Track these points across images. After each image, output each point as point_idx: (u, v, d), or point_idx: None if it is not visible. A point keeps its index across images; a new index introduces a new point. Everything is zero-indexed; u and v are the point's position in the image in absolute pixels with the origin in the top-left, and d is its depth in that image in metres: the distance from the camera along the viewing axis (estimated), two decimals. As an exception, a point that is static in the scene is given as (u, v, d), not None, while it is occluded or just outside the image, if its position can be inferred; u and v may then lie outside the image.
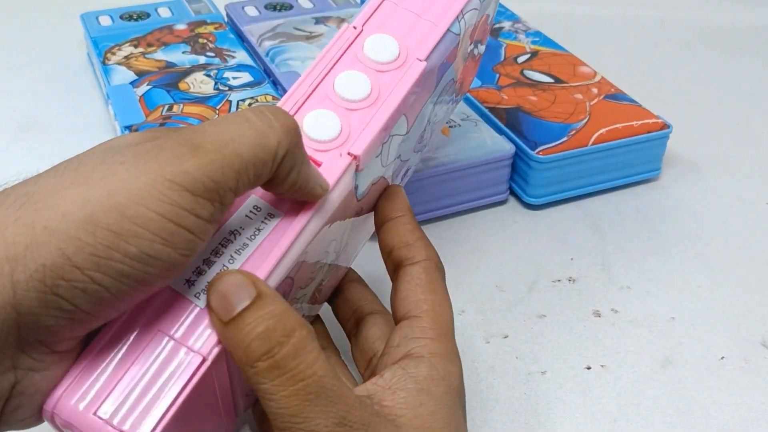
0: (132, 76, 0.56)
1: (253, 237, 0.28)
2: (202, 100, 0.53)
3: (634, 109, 0.52)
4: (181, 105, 0.52)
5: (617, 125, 0.50)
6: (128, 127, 0.50)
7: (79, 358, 0.26)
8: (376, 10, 0.34)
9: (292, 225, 0.29)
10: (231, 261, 0.28)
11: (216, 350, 0.26)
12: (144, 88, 0.54)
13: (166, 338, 0.26)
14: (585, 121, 0.51)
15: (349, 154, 0.30)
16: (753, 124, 0.61)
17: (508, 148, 0.49)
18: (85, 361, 0.26)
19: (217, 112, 0.51)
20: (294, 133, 0.27)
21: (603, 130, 0.50)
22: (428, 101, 0.36)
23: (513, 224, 0.50)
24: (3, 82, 0.64)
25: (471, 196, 0.49)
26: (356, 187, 0.32)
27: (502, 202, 0.51)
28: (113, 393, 0.25)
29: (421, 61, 0.33)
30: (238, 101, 0.53)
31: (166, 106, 0.52)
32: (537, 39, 0.61)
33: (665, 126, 0.51)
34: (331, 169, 0.30)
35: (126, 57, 0.58)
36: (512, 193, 0.52)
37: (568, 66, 0.57)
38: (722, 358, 0.41)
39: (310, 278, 0.32)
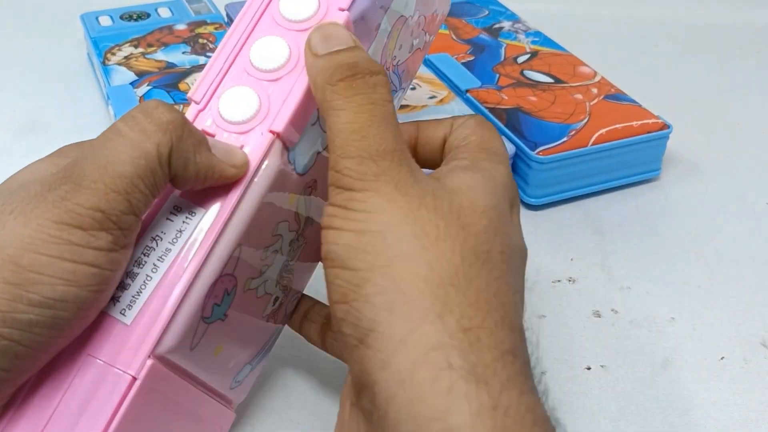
0: (132, 76, 0.56)
1: (175, 240, 0.27)
2: (202, 100, 0.53)
3: (634, 109, 0.52)
4: (181, 106, 0.52)
5: (617, 125, 0.50)
6: (128, 128, 0.50)
7: (12, 397, 0.25)
8: None
9: (214, 221, 0.27)
10: (154, 270, 0.26)
11: (149, 364, 0.25)
12: (144, 88, 0.54)
13: (96, 361, 0.25)
14: (585, 121, 0.51)
15: (270, 132, 0.28)
16: (753, 124, 0.61)
17: (507, 148, 0.49)
18: (17, 400, 0.25)
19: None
20: (173, 126, 0.26)
21: (603, 131, 0.50)
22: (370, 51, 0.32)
23: (513, 224, 0.50)
24: (3, 83, 0.64)
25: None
26: (292, 162, 0.29)
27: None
28: (47, 428, 0.24)
29: (343, 10, 0.29)
30: (238, 102, 0.52)
31: (166, 107, 0.52)
32: (537, 39, 0.61)
33: (665, 126, 0.51)
34: (254, 152, 0.28)
35: (126, 57, 0.58)
36: (512, 193, 0.52)
37: (568, 66, 0.57)
38: (722, 358, 0.41)
39: (264, 265, 0.30)
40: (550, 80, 0.55)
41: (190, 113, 0.29)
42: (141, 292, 0.26)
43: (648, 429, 0.37)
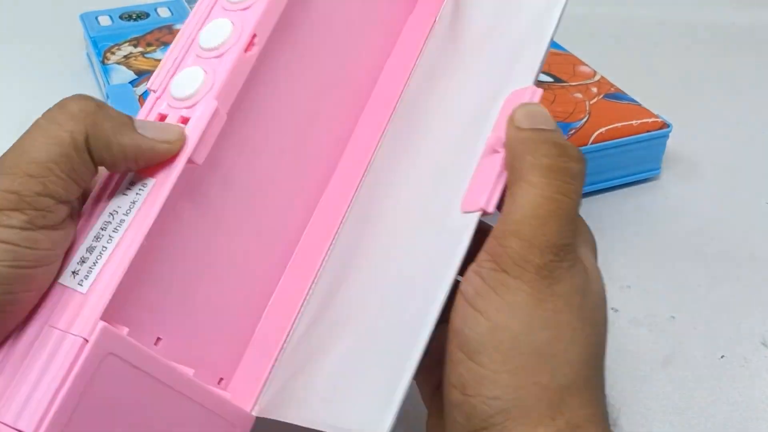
0: (131, 75, 0.56)
1: (128, 211, 0.28)
2: (201, 99, 0.53)
3: (633, 108, 0.52)
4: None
5: (617, 124, 0.50)
6: (127, 127, 0.50)
7: None
8: None
9: (164, 185, 0.28)
10: (109, 241, 0.27)
11: (100, 326, 0.25)
12: (143, 87, 0.54)
13: (54, 330, 0.26)
14: (584, 120, 0.51)
15: (215, 99, 0.29)
16: (753, 123, 0.61)
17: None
18: None
19: (217, 111, 0.51)
20: (85, 114, 0.27)
21: (602, 130, 0.50)
22: None
23: (512, 224, 0.50)
24: (2, 82, 0.64)
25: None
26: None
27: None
28: (5, 398, 0.25)
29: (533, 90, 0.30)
30: (237, 101, 0.52)
31: (166, 106, 0.52)
32: (537, 38, 0.61)
33: (665, 125, 0.51)
34: (200, 121, 0.29)
35: (125, 56, 0.58)
36: (512, 192, 0.52)
37: (568, 65, 0.57)
38: (722, 357, 0.41)
39: None
40: (550, 79, 0.55)
41: (148, 102, 0.30)
42: (97, 262, 0.27)
43: (648, 428, 0.37)
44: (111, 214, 0.28)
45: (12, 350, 0.26)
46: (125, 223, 0.28)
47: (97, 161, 0.27)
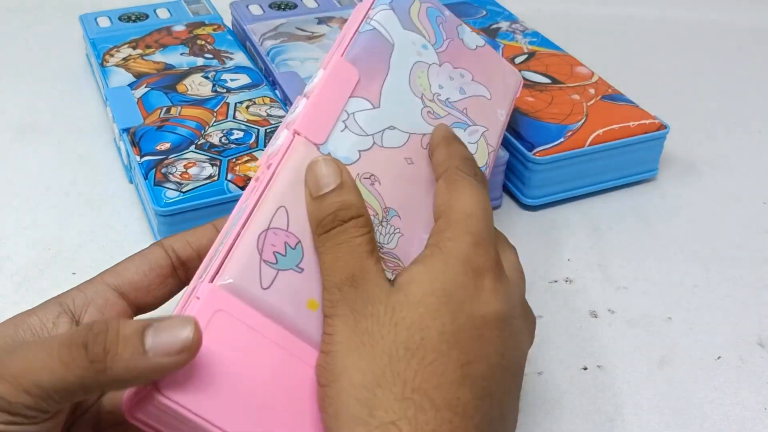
0: (130, 78, 0.56)
1: (237, 214, 0.33)
2: (200, 102, 0.53)
3: (631, 109, 0.52)
4: (179, 107, 0.52)
5: (614, 126, 0.50)
6: (126, 130, 0.50)
7: None
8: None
9: (260, 189, 0.32)
10: (225, 237, 0.32)
11: (209, 287, 0.29)
12: (142, 90, 0.54)
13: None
14: (582, 121, 0.51)
15: (294, 132, 0.33)
16: (750, 124, 0.61)
17: (502, 154, 0.49)
18: None
19: (215, 114, 0.51)
20: (93, 365, 0.26)
21: (600, 131, 0.50)
22: (388, 81, 0.38)
23: (510, 225, 0.50)
24: (2, 83, 0.64)
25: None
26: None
27: (496, 208, 0.51)
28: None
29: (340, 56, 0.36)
30: (235, 103, 0.53)
31: (164, 109, 0.52)
32: (534, 39, 0.61)
33: (662, 126, 0.51)
34: (279, 150, 0.33)
35: (124, 59, 0.58)
36: (509, 194, 0.52)
37: (566, 66, 0.57)
38: (719, 357, 0.41)
39: None
40: (548, 81, 0.55)
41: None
42: (216, 255, 0.31)
43: (644, 429, 0.37)
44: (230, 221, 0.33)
45: None
46: (235, 221, 0.32)
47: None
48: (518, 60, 0.58)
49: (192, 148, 0.48)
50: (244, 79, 0.56)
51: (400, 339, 0.29)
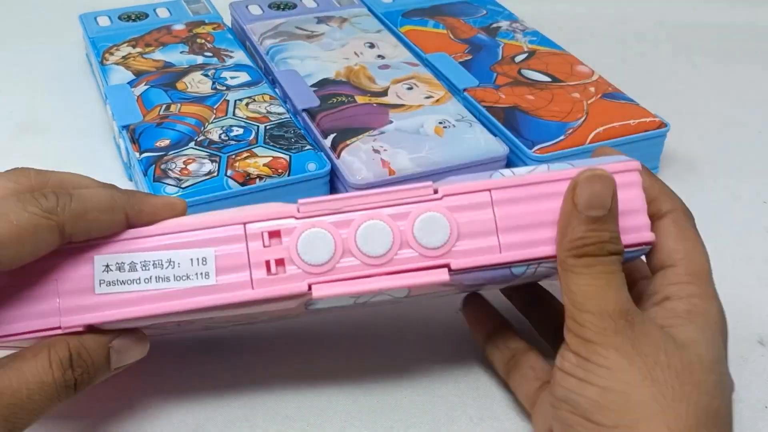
0: (130, 76, 0.56)
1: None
2: (199, 99, 0.53)
3: (631, 107, 0.52)
4: (179, 105, 0.52)
5: (614, 124, 0.50)
6: (125, 127, 0.50)
7: None
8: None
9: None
10: None
11: None
12: (142, 87, 0.54)
13: None
14: (582, 120, 0.51)
15: (309, 286, 0.31)
16: (750, 122, 0.61)
17: (501, 149, 0.48)
18: None
19: (215, 111, 0.51)
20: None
21: (600, 129, 0.50)
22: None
23: (510, 223, 0.50)
24: (2, 82, 0.64)
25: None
26: (308, 304, 0.33)
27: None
28: None
29: (443, 267, 0.32)
30: (235, 101, 0.53)
31: (164, 106, 0.52)
32: (534, 38, 0.61)
33: (662, 125, 0.51)
34: (285, 284, 0.31)
35: (124, 57, 0.58)
36: (509, 191, 0.52)
37: (566, 65, 0.57)
38: (719, 355, 0.41)
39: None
40: (548, 79, 0.55)
41: None
42: None
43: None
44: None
45: None
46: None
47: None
48: (518, 58, 0.58)
49: (191, 144, 0.48)
50: (243, 77, 0.56)
51: (702, 403, 0.28)
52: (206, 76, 0.56)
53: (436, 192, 0.32)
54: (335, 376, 0.39)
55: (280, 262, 0.31)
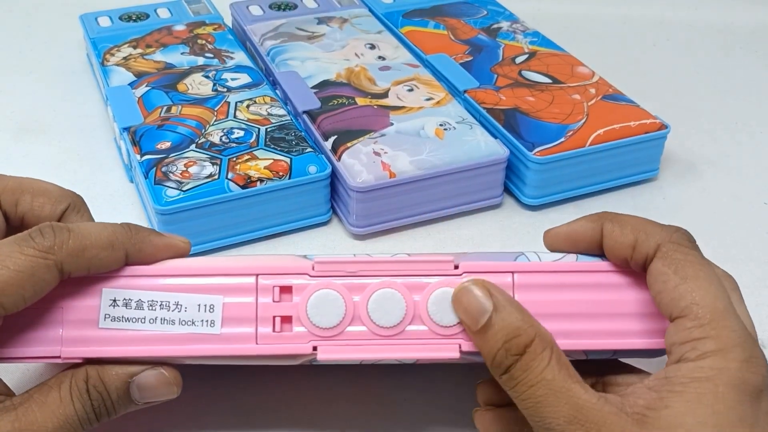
0: (131, 77, 0.56)
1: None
2: (200, 101, 0.53)
3: (631, 109, 0.52)
4: (180, 106, 0.52)
5: (615, 126, 0.50)
6: (126, 129, 0.50)
7: None
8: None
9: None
10: None
11: None
12: (143, 89, 0.54)
13: None
14: (583, 121, 0.51)
15: (314, 348, 0.31)
16: (751, 123, 0.61)
17: (502, 152, 0.48)
18: None
19: (215, 113, 0.51)
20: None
21: (601, 131, 0.50)
22: None
23: (511, 225, 0.50)
24: (2, 83, 0.64)
25: (464, 200, 0.49)
26: (312, 360, 0.32)
27: (496, 206, 0.51)
28: None
29: (454, 346, 0.31)
30: (236, 102, 0.53)
31: (165, 108, 0.52)
32: (535, 39, 0.61)
33: (663, 126, 0.51)
34: (290, 343, 0.31)
35: (125, 58, 0.58)
36: (510, 194, 0.52)
37: (566, 66, 0.57)
38: (719, 358, 0.41)
39: None
40: (548, 80, 0.55)
41: None
42: None
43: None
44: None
45: None
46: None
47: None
48: (519, 60, 0.58)
49: (192, 147, 0.48)
50: (244, 79, 0.56)
51: None
52: (207, 77, 0.56)
53: (456, 267, 0.32)
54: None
55: (287, 320, 0.31)
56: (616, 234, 0.31)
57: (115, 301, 0.31)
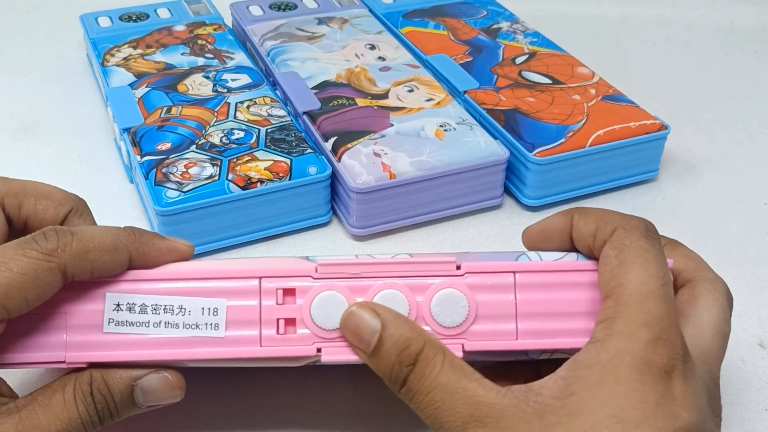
0: (131, 77, 0.56)
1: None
2: (200, 102, 0.53)
3: (631, 110, 0.52)
4: (180, 107, 0.52)
5: (615, 126, 0.50)
6: (126, 130, 0.50)
7: None
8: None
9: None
10: None
11: None
12: (143, 90, 0.54)
13: None
14: (583, 122, 0.51)
15: (318, 350, 0.31)
16: (750, 124, 0.61)
17: (502, 153, 0.49)
18: None
19: (216, 114, 0.51)
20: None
21: (601, 132, 0.50)
22: None
23: (511, 226, 0.50)
24: (2, 83, 0.64)
25: (464, 201, 0.49)
26: (315, 361, 0.32)
27: (496, 207, 0.51)
28: None
29: (457, 345, 0.31)
30: (236, 103, 0.53)
31: (165, 108, 0.52)
32: (535, 39, 0.61)
33: (663, 127, 0.51)
34: (294, 345, 0.31)
35: (125, 58, 0.58)
36: (510, 194, 0.52)
37: (566, 67, 0.57)
38: (719, 359, 0.41)
39: None
40: (548, 81, 0.55)
41: None
42: None
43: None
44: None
45: None
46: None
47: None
48: (519, 60, 0.58)
49: (193, 147, 0.48)
50: (245, 79, 0.56)
51: None
52: (207, 78, 0.56)
53: (458, 268, 0.32)
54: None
55: (291, 322, 0.31)
56: (581, 225, 0.32)
57: (118, 305, 0.31)
